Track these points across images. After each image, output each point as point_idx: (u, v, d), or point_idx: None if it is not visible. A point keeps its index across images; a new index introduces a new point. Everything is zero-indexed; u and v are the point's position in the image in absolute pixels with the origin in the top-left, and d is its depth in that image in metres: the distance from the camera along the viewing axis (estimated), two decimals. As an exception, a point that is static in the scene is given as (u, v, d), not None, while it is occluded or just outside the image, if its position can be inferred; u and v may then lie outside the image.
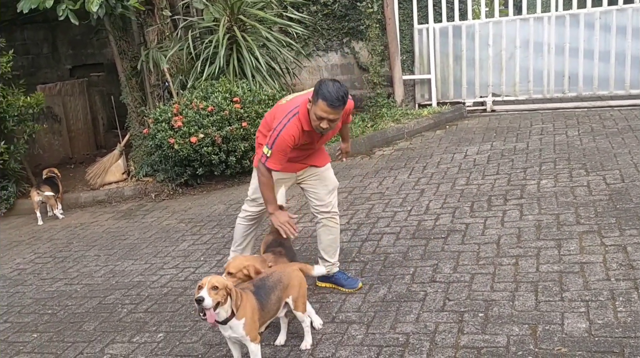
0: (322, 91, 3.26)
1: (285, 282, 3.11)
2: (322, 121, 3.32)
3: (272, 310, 3.05)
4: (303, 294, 3.18)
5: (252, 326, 2.89)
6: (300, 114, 3.43)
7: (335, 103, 3.25)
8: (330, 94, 3.24)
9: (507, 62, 8.22)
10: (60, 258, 5.49)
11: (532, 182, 5.17)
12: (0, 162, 7.09)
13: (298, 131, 3.42)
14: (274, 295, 3.04)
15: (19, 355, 3.70)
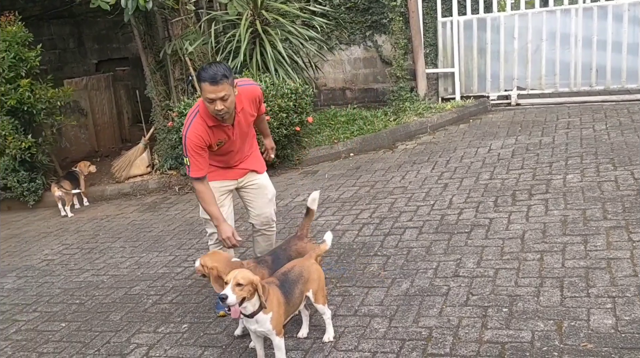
0: (201, 74, 3.23)
1: (306, 276, 3.12)
2: (214, 104, 3.24)
3: (296, 303, 3.07)
4: (322, 287, 3.20)
5: (278, 320, 2.91)
6: (201, 111, 3.39)
7: (216, 77, 3.18)
8: (206, 72, 3.21)
9: (533, 55, 8.10)
10: (87, 250, 5.59)
11: (558, 177, 5.10)
12: (28, 155, 7.23)
13: (203, 128, 3.37)
14: (297, 288, 3.06)
15: (48, 344, 3.79)
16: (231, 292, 2.73)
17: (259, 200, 3.81)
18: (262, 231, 3.90)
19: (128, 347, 3.58)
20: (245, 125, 3.58)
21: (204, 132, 3.39)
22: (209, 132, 3.40)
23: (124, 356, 3.48)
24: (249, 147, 3.78)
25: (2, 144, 7.12)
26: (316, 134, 7.58)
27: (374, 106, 8.82)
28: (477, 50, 8.35)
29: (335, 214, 5.21)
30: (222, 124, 3.41)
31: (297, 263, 3.21)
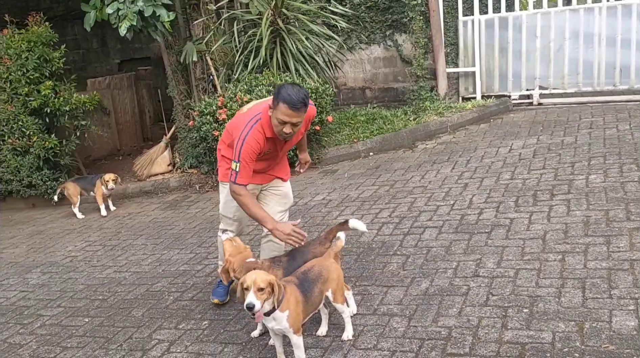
0: (282, 94, 3.17)
1: (325, 275, 3.13)
2: (284, 126, 3.23)
3: (315, 302, 3.08)
4: (341, 286, 3.21)
5: (296, 318, 2.92)
6: (263, 120, 3.34)
7: (297, 105, 3.16)
8: (290, 96, 3.15)
9: (555, 54, 8.01)
10: (110, 247, 5.67)
11: (581, 177, 5.04)
12: (52, 154, 7.35)
13: (263, 138, 3.34)
14: (316, 288, 3.07)
15: (72, 338, 3.86)
16: (255, 298, 2.73)
17: (275, 206, 3.77)
18: (270, 237, 3.75)
19: (150, 342, 3.64)
20: (294, 139, 3.59)
21: (263, 141, 3.35)
22: (265, 142, 3.38)
23: (146, 352, 3.53)
24: (283, 158, 3.82)
25: (26, 144, 7.26)
26: (336, 134, 7.60)
27: (393, 105, 8.80)
28: (498, 49, 8.28)
29: (354, 214, 5.22)
30: (277, 138, 3.41)
31: (317, 262, 3.22)
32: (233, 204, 3.61)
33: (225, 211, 3.76)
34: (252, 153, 3.32)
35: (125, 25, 5.91)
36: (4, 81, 7.24)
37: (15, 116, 7.19)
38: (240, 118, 3.50)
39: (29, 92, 7.18)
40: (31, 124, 7.18)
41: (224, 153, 3.70)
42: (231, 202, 3.60)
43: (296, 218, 5.32)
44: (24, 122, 7.17)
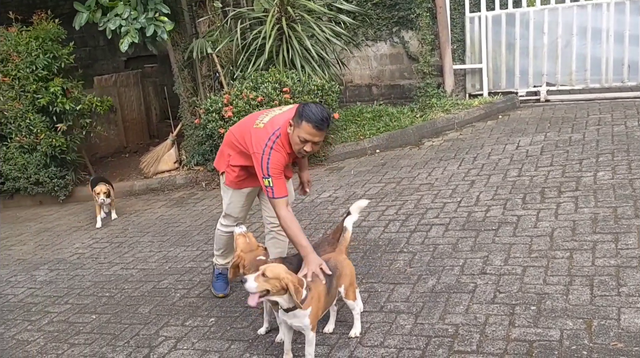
0: (307, 112, 3.15)
1: (339, 270, 3.12)
2: (306, 144, 3.22)
3: (333, 296, 3.09)
4: (353, 282, 3.20)
5: (316, 315, 2.92)
6: (282, 137, 3.32)
7: (321, 124, 3.15)
8: (315, 115, 3.14)
9: (562, 50, 7.96)
10: (117, 244, 5.69)
11: (589, 174, 5.01)
12: (59, 151, 7.38)
13: (285, 154, 3.34)
14: (334, 282, 3.07)
15: (79, 335, 3.88)
16: (253, 280, 2.76)
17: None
18: (274, 234, 3.81)
19: (157, 339, 3.64)
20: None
21: (285, 158, 3.36)
22: (286, 156, 3.39)
23: (153, 348, 3.54)
24: None
25: (33, 141, 7.28)
26: (342, 131, 7.58)
27: (400, 102, 8.78)
28: (505, 45, 8.24)
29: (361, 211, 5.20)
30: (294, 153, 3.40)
31: (332, 256, 3.21)
32: (238, 206, 3.79)
33: (230, 211, 3.83)
34: (279, 167, 3.31)
35: (127, 42, 6.00)
36: (12, 78, 7.26)
37: (23, 114, 7.21)
38: (259, 133, 3.40)
39: (37, 90, 7.21)
40: (38, 122, 7.21)
41: (234, 162, 3.64)
42: (237, 203, 3.77)
43: (302, 216, 5.32)
44: (31, 120, 7.20)
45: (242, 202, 3.81)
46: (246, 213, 3.92)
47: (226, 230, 3.90)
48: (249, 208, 3.92)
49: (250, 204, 3.92)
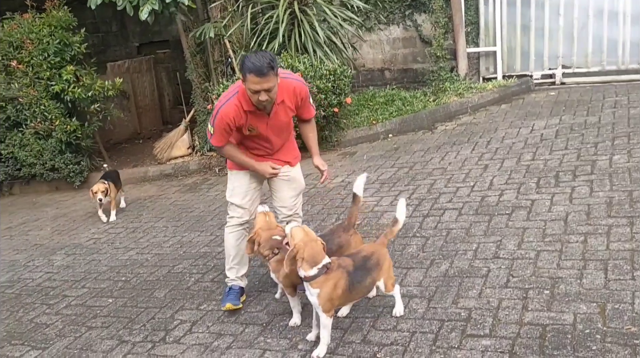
0: (246, 64, 3.17)
1: (380, 265, 3.09)
2: (258, 94, 3.22)
3: (362, 291, 3.07)
4: (392, 275, 3.19)
5: (328, 301, 2.91)
6: (240, 93, 3.35)
7: (264, 70, 3.14)
8: (254, 64, 3.15)
9: (579, 32, 7.84)
10: (132, 229, 5.75)
11: (604, 157, 4.96)
12: (74, 138, 7.44)
13: (237, 109, 3.35)
14: (369, 277, 3.04)
15: (96, 318, 3.94)
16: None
17: (286, 192, 3.74)
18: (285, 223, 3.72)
19: (172, 322, 3.70)
20: (283, 118, 3.52)
21: (237, 114, 3.37)
22: (242, 116, 3.39)
23: (169, 331, 3.59)
24: (284, 140, 3.71)
25: (48, 128, 7.35)
26: (355, 116, 7.56)
27: (413, 86, 8.72)
28: (520, 27, 8.13)
29: (373, 196, 5.21)
30: (258, 111, 3.39)
31: (375, 249, 3.14)
32: (240, 191, 3.66)
33: (232, 198, 3.69)
34: (225, 123, 3.36)
35: (147, 9, 5.92)
36: (26, 65, 7.32)
37: (38, 100, 7.27)
38: (225, 93, 3.51)
39: (51, 77, 7.25)
40: (53, 108, 7.26)
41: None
42: (239, 188, 3.66)
43: (315, 201, 5.34)
44: (46, 106, 7.26)
45: (245, 186, 3.67)
46: (252, 203, 3.68)
47: (229, 224, 3.71)
48: (254, 198, 3.70)
49: (256, 195, 3.73)
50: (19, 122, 7.53)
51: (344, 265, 2.99)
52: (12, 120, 7.52)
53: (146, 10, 5.91)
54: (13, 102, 7.37)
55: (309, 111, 3.67)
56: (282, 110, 3.47)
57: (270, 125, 3.49)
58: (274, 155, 3.69)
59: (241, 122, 3.41)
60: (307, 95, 3.59)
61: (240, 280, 3.77)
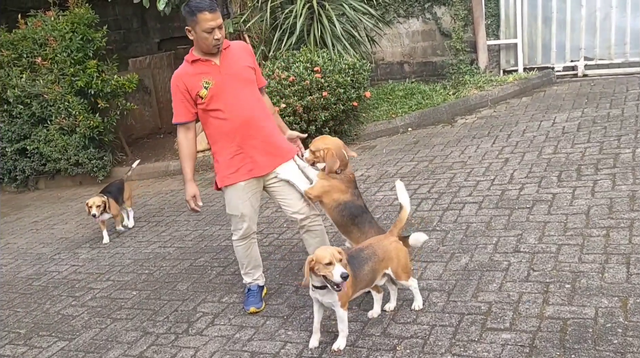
0: (194, 5, 3.15)
1: (380, 255, 3.10)
2: (213, 32, 3.18)
3: (365, 279, 3.09)
4: (404, 264, 3.15)
5: (345, 295, 2.96)
6: (186, 56, 3.37)
7: (213, 6, 3.15)
8: (201, 2, 3.14)
9: (601, 23, 7.72)
10: (154, 223, 5.84)
11: (627, 151, 4.90)
12: (96, 133, 7.56)
13: (184, 67, 3.35)
14: (367, 266, 3.07)
15: (121, 310, 4.02)
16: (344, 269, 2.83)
17: (288, 195, 3.51)
18: (306, 227, 3.57)
19: (195, 315, 3.76)
20: (237, 66, 3.37)
21: (186, 71, 3.34)
22: (191, 71, 3.32)
23: (191, 323, 3.65)
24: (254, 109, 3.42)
25: (72, 123, 7.48)
26: (374, 109, 7.56)
27: (432, 79, 8.68)
28: (541, 19, 8.04)
29: (393, 190, 5.22)
30: (204, 59, 3.31)
31: (374, 241, 3.19)
32: (238, 202, 3.47)
33: (231, 210, 3.54)
34: (175, 85, 3.36)
35: (164, 0, 5.96)
36: (51, 62, 7.45)
37: (62, 96, 7.40)
38: None
39: (75, 73, 7.37)
40: (77, 104, 7.39)
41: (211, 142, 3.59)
42: (236, 200, 3.47)
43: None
44: (70, 102, 7.38)
45: (242, 197, 3.46)
46: (253, 211, 3.52)
47: (236, 237, 3.60)
48: (253, 205, 3.52)
49: (254, 202, 3.53)
50: (44, 119, 7.68)
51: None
52: (37, 116, 7.67)
53: (163, 1, 5.96)
54: (38, 99, 7.52)
55: (261, 76, 3.60)
56: (231, 56, 3.38)
57: (225, 74, 3.33)
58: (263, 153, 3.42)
59: (193, 80, 3.30)
60: (254, 54, 3.60)
61: (258, 280, 3.75)
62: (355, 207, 3.30)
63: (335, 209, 3.33)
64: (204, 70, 3.33)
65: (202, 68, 3.33)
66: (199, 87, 3.32)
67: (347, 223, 3.33)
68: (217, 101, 3.34)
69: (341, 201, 3.31)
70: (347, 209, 3.31)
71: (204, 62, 3.34)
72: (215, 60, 3.35)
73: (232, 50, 3.40)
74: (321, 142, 3.42)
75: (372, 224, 3.39)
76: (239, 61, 3.41)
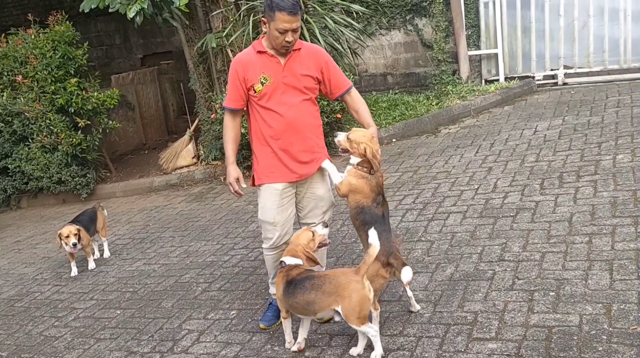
0: (276, 3, 3.04)
1: (328, 290, 2.90)
2: (286, 34, 3.08)
3: (298, 307, 3.02)
4: (355, 307, 2.83)
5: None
6: (255, 42, 3.29)
7: (295, 9, 3.05)
8: (285, 2, 3.03)
9: (580, 32, 7.84)
10: (139, 240, 5.78)
11: (608, 157, 4.96)
12: (79, 151, 7.50)
13: (249, 52, 3.28)
14: (306, 295, 2.95)
15: (105, 330, 3.97)
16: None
17: (315, 210, 3.48)
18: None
19: (180, 332, 3.71)
20: (297, 75, 3.25)
21: (249, 57, 3.25)
22: (254, 60, 3.23)
23: (177, 342, 3.61)
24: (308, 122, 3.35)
25: (54, 141, 7.41)
26: (357, 121, 7.56)
27: (415, 90, 8.74)
28: (521, 29, 8.14)
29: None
30: (270, 54, 3.22)
31: (334, 273, 3.03)
32: (272, 207, 3.34)
33: (264, 216, 3.39)
34: (234, 69, 3.26)
35: (135, 9, 5.67)
36: (31, 80, 7.39)
37: (44, 114, 7.34)
38: None
39: (56, 90, 7.32)
40: (58, 122, 7.33)
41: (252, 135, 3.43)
42: (271, 204, 3.34)
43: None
44: (51, 120, 7.32)
45: (277, 201, 3.34)
46: (286, 219, 3.39)
47: (266, 246, 3.46)
48: (288, 213, 3.39)
49: (289, 210, 3.41)
50: (25, 137, 7.61)
51: (290, 272, 3.07)
52: (18, 134, 7.60)
53: (134, 10, 5.71)
54: (19, 117, 7.45)
55: (342, 80, 3.44)
56: (297, 60, 3.27)
57: (284, 77, 3.24)
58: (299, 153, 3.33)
59: (253, 71, 3.22)
60: (329, 57, 3.41)
61: None
62: (371, 214, 3.20)
63: (354, 209, 3.26)
64: (266, 64, 3.23)
65: (265, 62, 3.24)
66: (255, 80, 3.23)
67: (359, 226, 3.26)
68: (268, 100, 3.24)
69: (361, 204, 3.22)
70: (363, 213, 3.21)
71: (269, 56, 3.24)
72: (281, 59, 3.24)
73: (302, 54, 3.29)
74: (363, 136, 3.25)
75: (381, 237, 3.08)
76: (302, 67, 3.29)
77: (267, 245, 3.47)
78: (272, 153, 3.34)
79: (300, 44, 3.29)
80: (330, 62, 3.40)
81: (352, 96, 3.49)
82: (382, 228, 3.16)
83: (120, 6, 5.94)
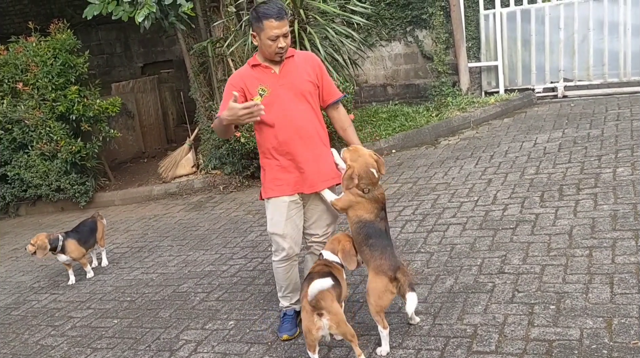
0: (262, 12, 3.08)
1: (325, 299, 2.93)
2: (277, 41, 3.11)
3: None
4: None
5: None
6: (249, 60, 3.31)
7: (282, 13, 3.09)
8: (270, 9, 3.08)
9: (579, 45, 7.87)
10: (137, 248, 5.76)
11: (608, 170, 4.95)
12: (79, 158, 7.49)
13: (244, 69, 3.31)
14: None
15: (102, 340, 3.94)
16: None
17: (322, 220, 3.49)
18: (312, 249, 3.55)
19: (177, 343, 3.69)
20: (296, 78, 3.27)
21: (245, 73, 3.28)
22: (250, 74, 3.26)
23: (174, 352, 3.58)
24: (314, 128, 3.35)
25: (54, 148, 7.40)
26: (357, 132, 7.49)
27: (415, 101, 8.76)
28: (521, 42, 8.17)
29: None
30: (264, 65, 3.24)
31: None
32: (281, 219, 3.33)
33: (273, 228, 3.37)
34: (230, 84, 3.26)
35: (144, 13, 5.66)
36: (32, 87, 7.40)
37: (44, 122, 7.33)
38: None
39: (56, 98, 7.32)
40: (58, 130, 7.32)
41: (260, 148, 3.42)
42: (279, 216, 3.33)
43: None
44: (51, 127, 7.32)
45: (285, 214, 3.33)
46: (295, 231, 3.39)
47: (277, 258, 3.43)
48: (296, 224, 3.39)
49: (298, 221, 3.40)
50: (24, 144, 7.60)
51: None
52: (18, 142, 7.58)
53: (142, 14, 5.72)
54: (19, 124, 7.45)
55: (334, 89, 3.46)
56: (293, 67, 3.28)
57: (282, 85, 3.24)
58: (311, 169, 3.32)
59: (251, 84, 3.22)
60: (323, 66, 3.41)
61: (295, 305, 3.56)
62: (374, 229, 3.17)
63: (355, 224, 3.24)
64: (262, 77, 3.26)
65: (260, 74, 3.26)
66: (254, 93, 3.24)
67: (361, 241, 3.24)
68: (269, 110, 3.17)
69: (362, 219, 3.19)
70: (365, 228, 3.18)
71: (264, 68, 3.27)
72: (275, 68, 3.27)
73: (295, 61, 3.31)
74: (352, 155, 3.24)
75: (385, 251, 3.13)
76: (299, 73, 3.30)
77: (278, 258, 3.43)
78: (278, 165, 3.34)
79: (292, 51, 3.32)
80: (324, 68, 3.43)
81: (340, 111, 3.54)
82: (386, 243, 3.15)
83: (124, 14, 5.95)
